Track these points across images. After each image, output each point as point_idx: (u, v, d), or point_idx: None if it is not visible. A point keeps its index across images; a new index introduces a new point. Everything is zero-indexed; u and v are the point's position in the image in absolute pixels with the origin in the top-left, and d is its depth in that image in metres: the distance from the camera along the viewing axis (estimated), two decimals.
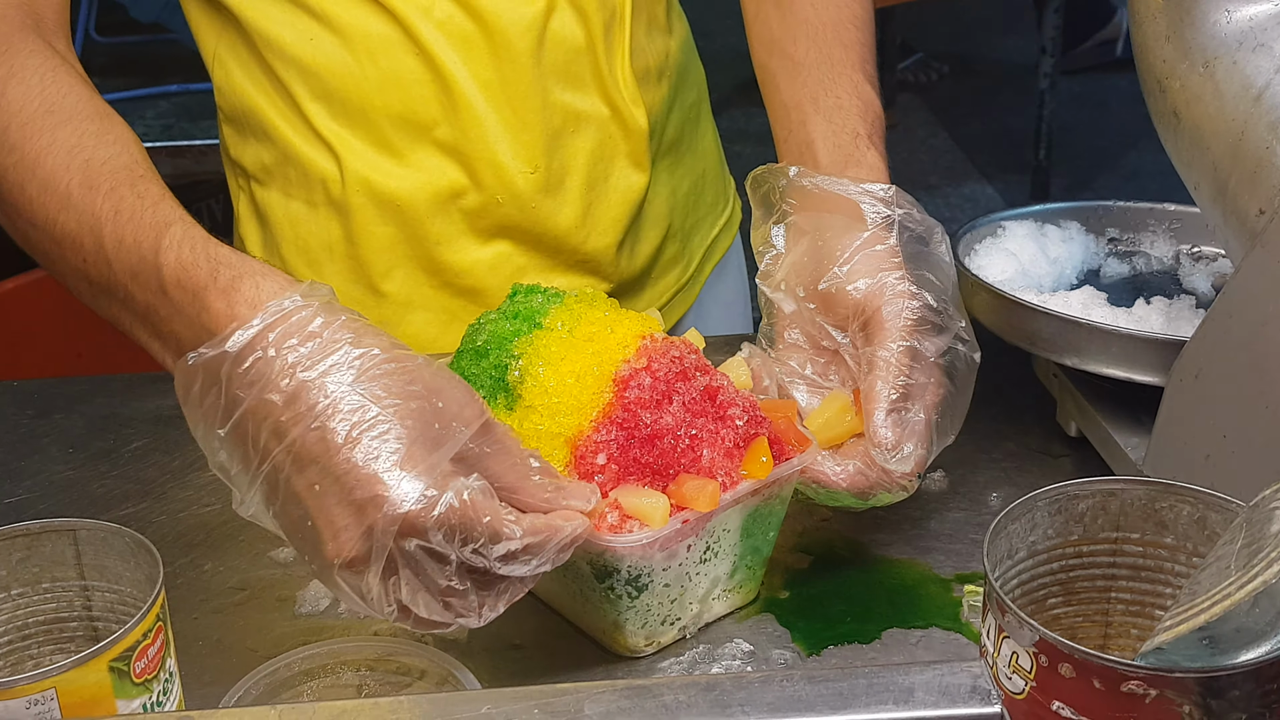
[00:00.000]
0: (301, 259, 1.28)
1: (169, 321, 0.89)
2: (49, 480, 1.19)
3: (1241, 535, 0.76)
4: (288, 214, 1.28)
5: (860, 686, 0.69)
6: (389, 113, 1.22)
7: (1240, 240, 1.00)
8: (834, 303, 1.05)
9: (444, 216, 1.25)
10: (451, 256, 1.26)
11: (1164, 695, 0.73)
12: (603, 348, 0.98)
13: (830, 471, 1.01)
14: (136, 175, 0.95)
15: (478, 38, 1.21)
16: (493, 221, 1.26)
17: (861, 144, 1.12)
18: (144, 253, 0.90)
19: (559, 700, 0.68)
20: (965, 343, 1.04)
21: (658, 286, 1.38)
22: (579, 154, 1.26)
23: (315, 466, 0.83)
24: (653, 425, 0.95)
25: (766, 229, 1.12)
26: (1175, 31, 1.03)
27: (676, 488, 0.94)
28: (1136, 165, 4.26)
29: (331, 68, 1.21)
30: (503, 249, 1.27)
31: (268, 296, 0.86)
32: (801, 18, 1.21)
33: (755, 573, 1.02)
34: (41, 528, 0.88)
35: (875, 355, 1.01)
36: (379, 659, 0.90)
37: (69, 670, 0.79)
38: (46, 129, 0.98)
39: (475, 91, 1.21)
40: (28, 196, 0.96)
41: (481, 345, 1.01)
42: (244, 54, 1.24)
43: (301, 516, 0.84)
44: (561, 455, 0.95)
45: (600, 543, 0.92)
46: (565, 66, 1.24)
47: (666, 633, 0.99)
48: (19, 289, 1.92)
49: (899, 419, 0.99)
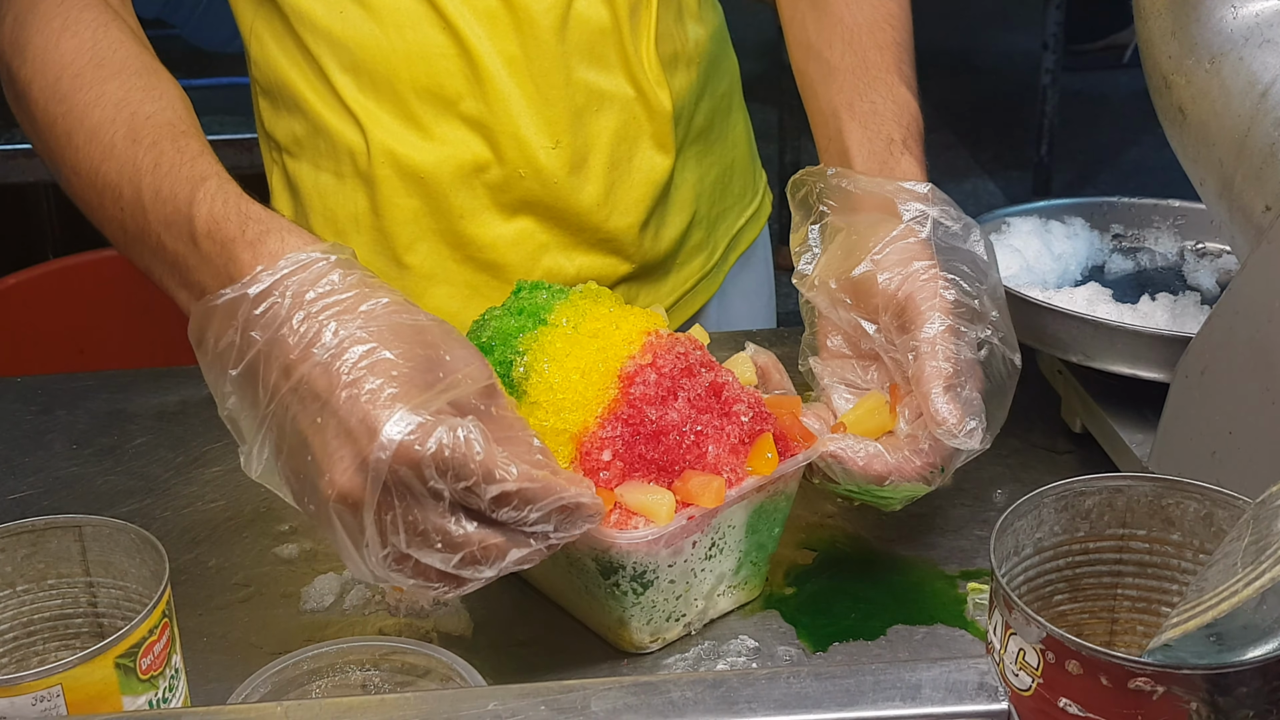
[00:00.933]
0: (329, 230, 1.31)
1: (197, 271, 0.92)
2: (53, 476, 1.19)
3: (1248, 532, 0.75)
4: (317, 186, 1.30)
5: (867, 683, 0.68)
6: (415, 85, 1.24)
7: (1246, 236, 1.00)
8: (865, 292, 1.03)
9: (468, 189, 1.26)
10: (475, 230, 1.28)
11: (1171, 692, 0.73)
12: (608, 344, 0.98)
13: (850, 450, 0.98)
14: (179, 130, 0.99)
15: (503, 14, 1.22)
16: (515, 196, 1.27)
17: (896, 150, 1.11)
18: (179, 204, 0.94)
19: (565, 697, 0.68)
20: (1005, 341, 1.01)
21: (682, 272, 1.38)
22: (602, 132, 1.27)
23: (318, 403, 0.84)
24: (658, 421, 0.95)
25: (804, 230, 1.11)
26: (1181, 27, 1.03)
27: (682, 484, 0.94)
28: (1140, 161, 4.25)
29: (360, 40, 1.23)
30: (525, 225, 1.28)
31: (291, 249, 0.89)
32: (836, 18, 1.20)
33: (760, 569, 1.02)
34: (47, 524, 0.88)
35: (919, 338, 0.98)
36: (385, 657, 0.90)
37: (75, 667, 0.79)
38: (96, 81, 1.02)
39: (499, 66, 1.23)
40: (74, 145, 1.01)
41: (486, 341, 1.01)
42: (278, 27, 1.27)
43: (303, 455, 0.85)
44: (567, 452, 0.95)
45: (606, 539, 0.92)
46: (590, 46, 1.25)
47: (672, 629, 0.99)
48: (22, 285, 1.92)
49: (956, 395, 0.96)
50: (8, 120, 2.17)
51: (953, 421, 0.95)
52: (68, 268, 1.95)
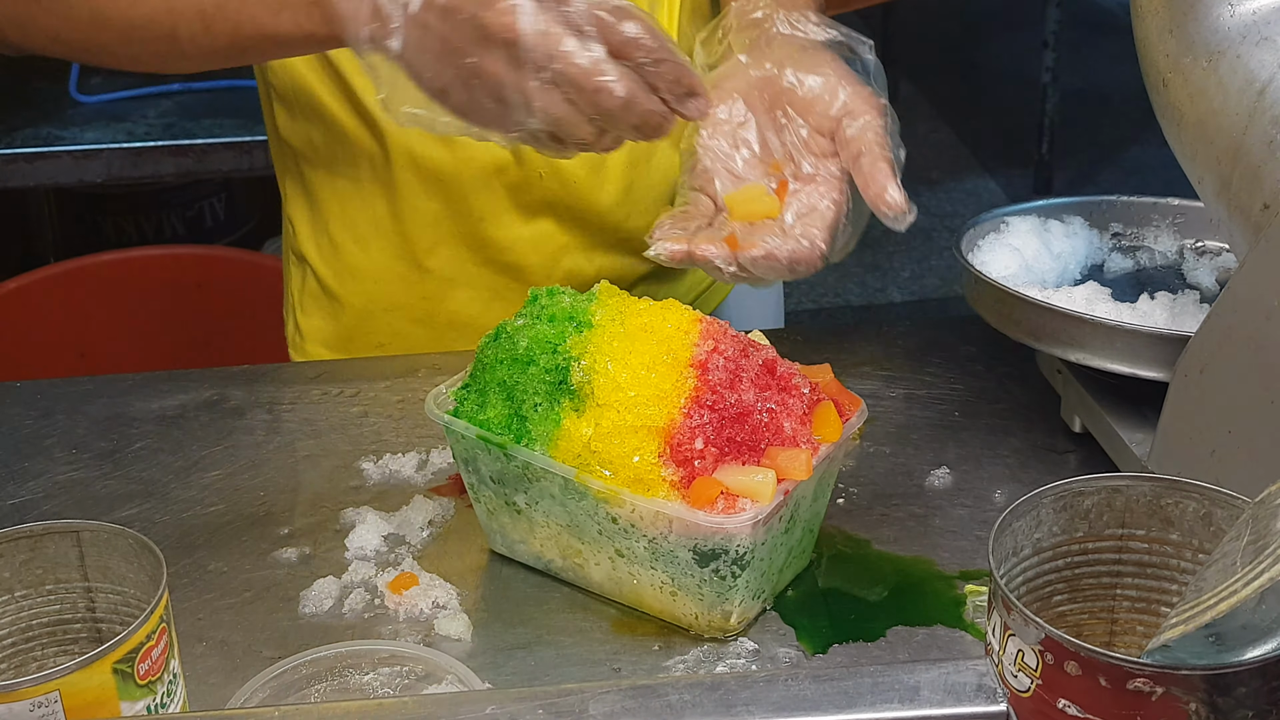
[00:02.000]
0: (349, 235, 1.31)
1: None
2: (52, 481, 1.19)
3: (1247, 531, 0.75)
4: (335, 191, 1.31)
5: (865, 685, 0.68)
6: None
7: (1244, 235, 1.00)
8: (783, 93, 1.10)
9: (488, 191, 1.27)
10: (495, 232, 1.28)
11: (1170, 693, 0.73)
12: (666, 336, 0.99)
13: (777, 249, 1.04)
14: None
15: None
16: (535, 197, 1.27)
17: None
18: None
19: (563, 700, 0.68)
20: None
21: (698, 272, 1.39)
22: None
23: None
24: (737, 404, 0.97)
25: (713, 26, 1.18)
26: (1178, 26, 1.02)
27: (770, 461, 0.96)
28: (1139, 159, 4.25)
29: None
30: (545, 227, 1.29)
31: None
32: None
33: (814, 537, 1.05)
34: (45, 529, 0.88)
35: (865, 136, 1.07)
36: (384, 661, 0.90)
37: (73, 672, 0.79)
38: None
39: None
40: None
41: (524, 352, 1.00)
42: None
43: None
44: (653, 446, 0.95)
45: (713, 525, 0.94)
46: None
47: (754, 607, 1.01)
48: (22, 289, 1.92)
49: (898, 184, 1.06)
50: (7, 124, 2.18)
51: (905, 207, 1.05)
52: (68, 272, 1.95)
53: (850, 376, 1.28)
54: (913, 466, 1.18)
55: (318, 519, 1.12)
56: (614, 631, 1.01)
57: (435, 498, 1.14)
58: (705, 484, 0.94)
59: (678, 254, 1.05)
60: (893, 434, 1.22)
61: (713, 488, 0.94)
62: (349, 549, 1.08)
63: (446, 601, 1.02)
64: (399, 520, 1.11)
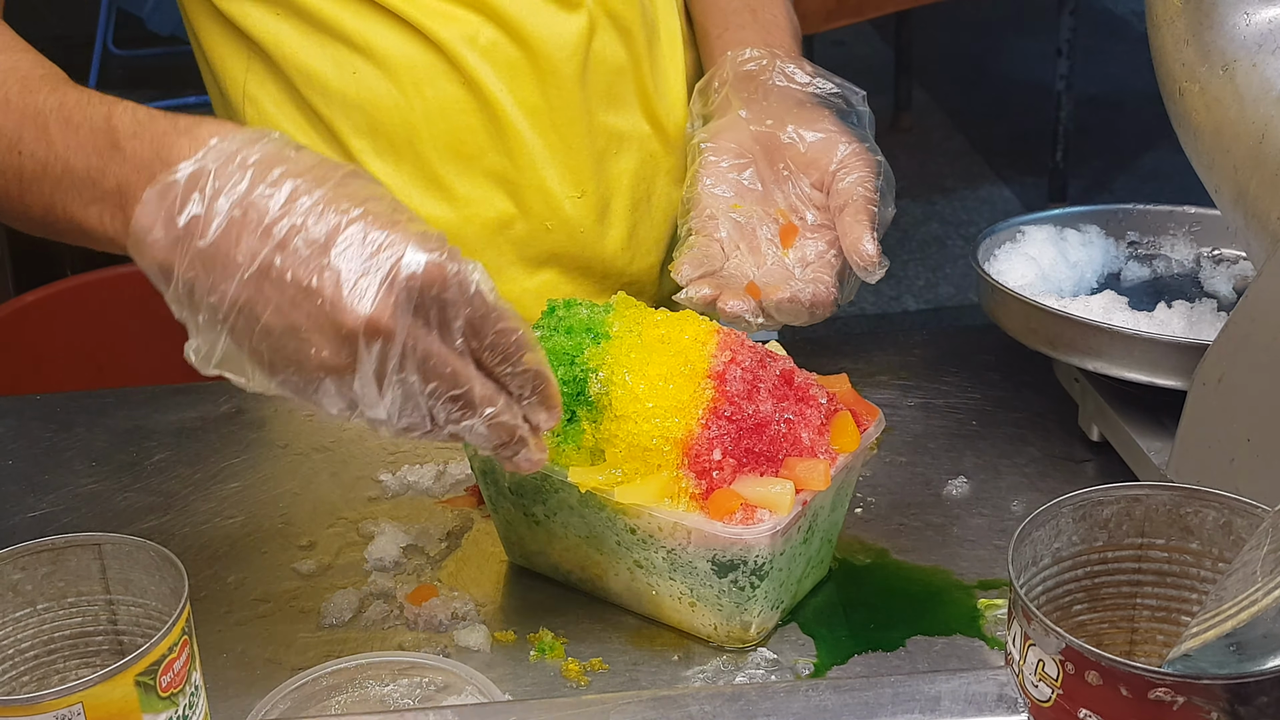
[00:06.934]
0: None
1: (116, 175, 0.86)
2: (72, 494, 1.19)
3: (1267, 540, 0.75)
4: None
5: (886, 695, 0.69)
6: (436, 144, 1.23)
7: (1262, 243, 0.99)
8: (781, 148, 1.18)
9: (493, 248, 1.26)
10: (500, 288, 1.27)
11: (1191, 702, 0.72)
12: (683, 347, 0.99)
13: (799, 291, 1.11)
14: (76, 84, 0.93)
15: (523, 64, 1.22)
16: (541, 250, 1.27)
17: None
18: (94, 125, 0.87)
19: (585, 711, 0.68)
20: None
21: None
22: (623, 175, 1.28)
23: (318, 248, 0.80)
24: (755, 415, 0.97)
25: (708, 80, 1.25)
26: (1194, 34, 1.02)
27: (788, 471, 0.96)
28: (1155, 167, 4.24)
29: (376, 101, 1.22)
30: (549, 277, 1.28)
31: (230, 131, 0.84)
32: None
33: (832, 546, 1.05)
34: (66, 542, 0.88)
35: (854, 189, 1.14)
36: (404, 671, 0.91)
37: (95, 685, 0.79)
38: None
39: (521, 118, 1.22)
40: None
41: None
42: (276, 92, 1.25)
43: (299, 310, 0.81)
44: (672, 457, 0.96)
45: (731, 536, 0.94)
46: (608, 87, 1.26)
47: (773, 618, 1.01)
48: (40, 302, 1.93)
49: (875, 238, 1.13)
50: None
51: (876, 259, 1.12)
52: (86, 284, 1.96)
53: (867, 386, 1.28)
54: (930, 476, 1.18)
55: (337, 530, 1.13)
56: (633, 643, 1.01)
57: (454, 509, 1.14)
58: (724, 495, 0.94)
59: (709, 298, 1.10)
60: (910, 443, 1.22)
61: (731, 499, 0.94)
62: (368, 560, 1.08)
63: (466, 612, 1.03)
64: (417, 531, 1.11)
